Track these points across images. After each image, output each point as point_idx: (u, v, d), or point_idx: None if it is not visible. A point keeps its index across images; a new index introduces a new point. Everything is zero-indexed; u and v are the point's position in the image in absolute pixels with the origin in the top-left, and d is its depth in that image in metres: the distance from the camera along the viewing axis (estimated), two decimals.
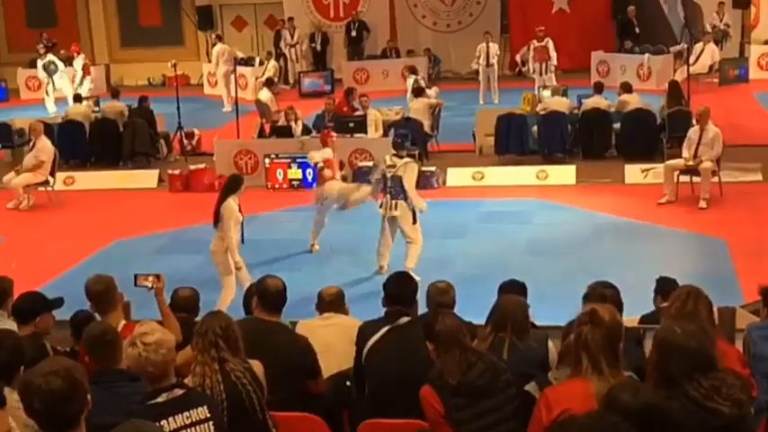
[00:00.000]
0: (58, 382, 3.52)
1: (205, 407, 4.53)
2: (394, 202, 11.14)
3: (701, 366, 4.22)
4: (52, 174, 15.64)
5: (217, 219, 10.18)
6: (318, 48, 26.39)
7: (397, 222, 11.21)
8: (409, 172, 11.19)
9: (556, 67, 21.83)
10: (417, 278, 6.53)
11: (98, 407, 4.18)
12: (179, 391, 4.50)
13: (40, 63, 23.46)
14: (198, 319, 6.25)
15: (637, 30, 24.16)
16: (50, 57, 23.39)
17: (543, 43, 21.63)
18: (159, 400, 4.44)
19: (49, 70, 23.16)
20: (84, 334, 5.20)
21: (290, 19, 26.18)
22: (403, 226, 11.19)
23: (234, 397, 4.94)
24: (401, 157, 11.34)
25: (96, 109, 19.23)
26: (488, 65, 22.55)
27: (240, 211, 10.30)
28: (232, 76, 20.82)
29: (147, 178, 16.97)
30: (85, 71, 23.99)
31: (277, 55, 25.77)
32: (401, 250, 11.26)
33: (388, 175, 11.16)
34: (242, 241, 10.51)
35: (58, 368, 3.58)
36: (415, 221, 11.21)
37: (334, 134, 13.73)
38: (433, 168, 15.84)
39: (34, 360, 4.59)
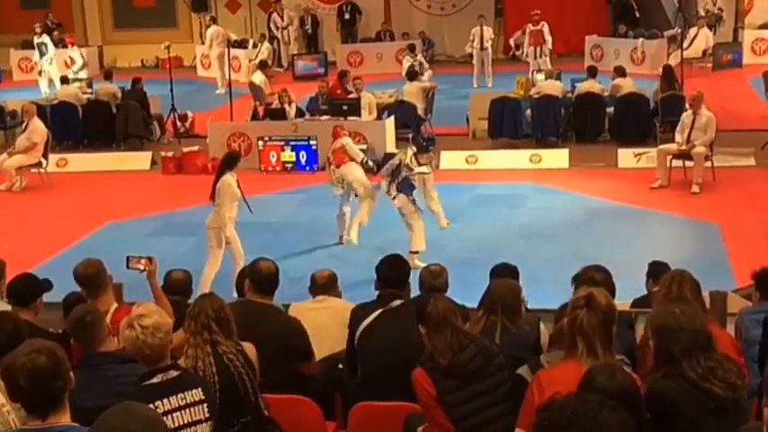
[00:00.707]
0: (42, 359, 3.60)
1: (199, 389, 4.54)
2: (395, 191, 11.06)
3: (701, 346, 4.29)
4: (45, 155, 15.59)
5: (214, 194, 10.22)
6: (309, 30, 26.30)
7: (401, 210, 11.15)
8: (420, 183, 11.19)
9: (550, 51, 21.80)
10: (422, 264, 6.48)
11: (85, 390, 4.19)
12: (174, 373, 4.51)
13: (36, 41, 23.36)
14: (190, 301, 6.25)
15: (637, 14, 24.13)
16: (44, 38, 23.28)
17: (539, 27, 21.58)
18: (154, 381, 4.45)
19: (40, 50, 23.07)
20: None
21: (278, 1, 26.08)
22: (405, 212, 11.11)
23: (226, 379, 4.94)
24: (419, 164, 11.09)
25: (89, 91, 19.17)
26: (482, 48, 22.51)
27: (239, 187, 10.32)
28: (226, 58, 20.77)
29: (140, 160, 16.94)
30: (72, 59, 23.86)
31: (270, 37, 25.70)
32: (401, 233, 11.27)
33: (403, 173, 11.02)
34: (250, 211, 10.51)
35: (39, 347, 3.68)
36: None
37: (345, 127, 13.33)
38: None
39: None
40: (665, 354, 4.32)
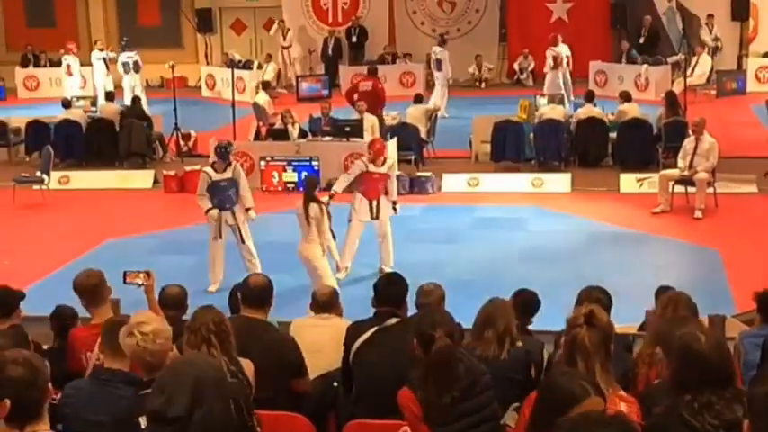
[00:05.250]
0: (19, 370, 3.57)
1: None
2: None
3: (717, 378, 4.01)
4: (47, 173, 15.60)
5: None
6: (330, 53, 26.23)
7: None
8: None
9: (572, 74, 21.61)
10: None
11: (88, 402, 4.16)
12: None
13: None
14: (186, 317, 6.22)
15: (641, 40, 24.17)
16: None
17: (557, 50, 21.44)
18: None
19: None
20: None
21: (282, 20, 26.08)
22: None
23: None
24: (216, 171, 11.39)
25: (93, 109, 19.23)
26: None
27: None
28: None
29: (142, 179, 16.96)
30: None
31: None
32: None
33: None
34: None
35: (17, 357, 3.66)
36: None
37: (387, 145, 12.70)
38: (428, 174, 15.83)
39: None
40: (682, 379, 4.08)
